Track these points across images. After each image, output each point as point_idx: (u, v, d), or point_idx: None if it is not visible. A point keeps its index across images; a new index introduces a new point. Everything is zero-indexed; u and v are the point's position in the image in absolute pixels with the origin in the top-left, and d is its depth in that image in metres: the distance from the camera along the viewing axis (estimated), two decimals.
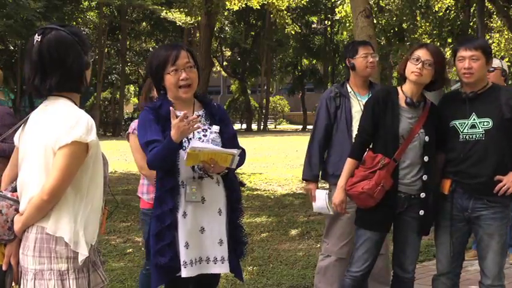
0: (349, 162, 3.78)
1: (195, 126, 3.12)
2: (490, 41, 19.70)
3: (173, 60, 3.27)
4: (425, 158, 3.71)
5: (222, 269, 3.32)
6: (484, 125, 3.65)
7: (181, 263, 3.21)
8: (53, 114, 2.45)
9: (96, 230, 2.47)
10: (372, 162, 3.66)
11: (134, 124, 4.30)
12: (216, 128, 3.32)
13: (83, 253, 2.40)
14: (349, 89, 4.47)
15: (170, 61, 3.27)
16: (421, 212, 3.72)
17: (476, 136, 3.66)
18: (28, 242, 2.45)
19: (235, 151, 3.22)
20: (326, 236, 4.57)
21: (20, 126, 2.60)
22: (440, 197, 3.78)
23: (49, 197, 2.38)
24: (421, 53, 3.66)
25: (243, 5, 20.22)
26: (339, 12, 16.69)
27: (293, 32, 36.91)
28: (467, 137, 3.68)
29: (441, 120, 3.79)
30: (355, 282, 3.81)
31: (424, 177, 3.71)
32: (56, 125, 2.42)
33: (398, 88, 3.82)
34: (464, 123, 3.70)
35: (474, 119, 3.68)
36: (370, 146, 3.80)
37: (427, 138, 3.71)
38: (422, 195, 3.70)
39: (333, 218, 4.47)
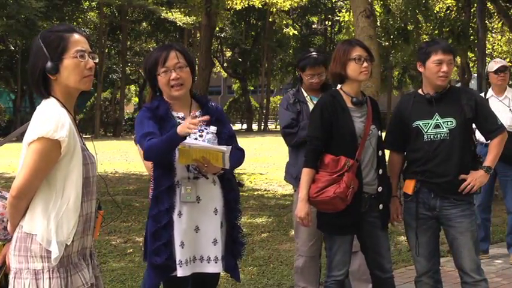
0: (306, 173, 3.70)
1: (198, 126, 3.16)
2: (491, 41, 19.72)
3: (163, 62, 3.32)
4: (380, 153, 3.79)
5: (215, 268, 3.32)
6: (448, 124, 3.76)
7: (177, 262, 3.22)
8: (34, 114, 2.46)
9: (72, 230, 2.43)
10: (336, 165, 3.63)
11: None
12: (213, 128, 3.33)
13: (55, 252, 2.38)
14: (305, 94, 4.57)
15: (160, 62, 3.32)
16: (381, 206, 3.75)
17: (441, 136, 3.75)
18: (12, 241, 2.46)
19: (224, 148, 3.22)
20: (296, 235, 4.67)
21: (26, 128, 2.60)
22: (404, 197, 3.87)
23: (17, 194, 2.37)
24: (359, 52, 3.73)
25: (246, 5, 20.23)
26: (341, 17, 16.66)
27: (291, 34, 36.91)
28: (431, 137, 3.77)
29: (402, 122, 3.87)
30: (338, 285, 3.82)
31: (380, 171, 3.77)
32: (31, 123, 2.43)
33: (339, 90, 3.84)
34: (428, 123, 3.78)
35: (437, 119, 3.78)
36: (325, 150, 3.79)
37: (379, 133, 3.80)
38: (380, 189, 3.74)
39: None
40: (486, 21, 13.23)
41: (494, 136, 3.83)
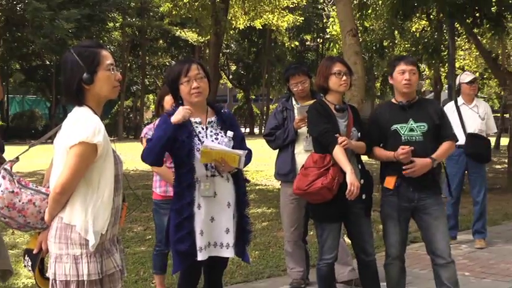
0: (338, 151, 3.62)
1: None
2: (460, 58, 19.70)
3: (185, 72, 3.30)
4: None
5: (228, 253, 3.34)
6: (421, 128, 3.80)
7: (197, 248, 3.24)
8: (70, 120, 2.48)
9: (106, 221, 2.45)
10: (323, 161, 3.67)
11: (145, 129, 4.37)
12: (230, 133, 3.35)
13: (92, 240, 2.41)
14: (294, 102, 4.63)
15: (183, 73, 3.30)
16: (363, 196, 3.75)
17: (416, 138, 3.79)
18: (52, 230, 2.48)
19: (240, 152, 3.27)
20: (282, 223, 4.77)
21: (57, 130, 2.64)
22: (386, 192, 3.88)
23: (60, 190, 2.40)
24: (339, 67, 3.79)
25: (248, 24, 20.25)
26: (330, 32, 16.70)
27: (292, 46, 36.92)
28: (408, 138, 3.79)
29: (380, 125, 3.89)
30: (329, 267, 3.85)
31: (359, 166, 3.83)
32: (69, 128, 2.45)
33: (323, 99, 3.89)
34: (404, 126, 3.82)
35: (412, 124, 3.81)
36: (315, 150, 3.83)
37: (359, 135, 3.85)
38: (362, 181, 3.75)
39: (282, 207, 4.71)
40: (456, 40, 13.24)
41: (448, 140, 3.87)
